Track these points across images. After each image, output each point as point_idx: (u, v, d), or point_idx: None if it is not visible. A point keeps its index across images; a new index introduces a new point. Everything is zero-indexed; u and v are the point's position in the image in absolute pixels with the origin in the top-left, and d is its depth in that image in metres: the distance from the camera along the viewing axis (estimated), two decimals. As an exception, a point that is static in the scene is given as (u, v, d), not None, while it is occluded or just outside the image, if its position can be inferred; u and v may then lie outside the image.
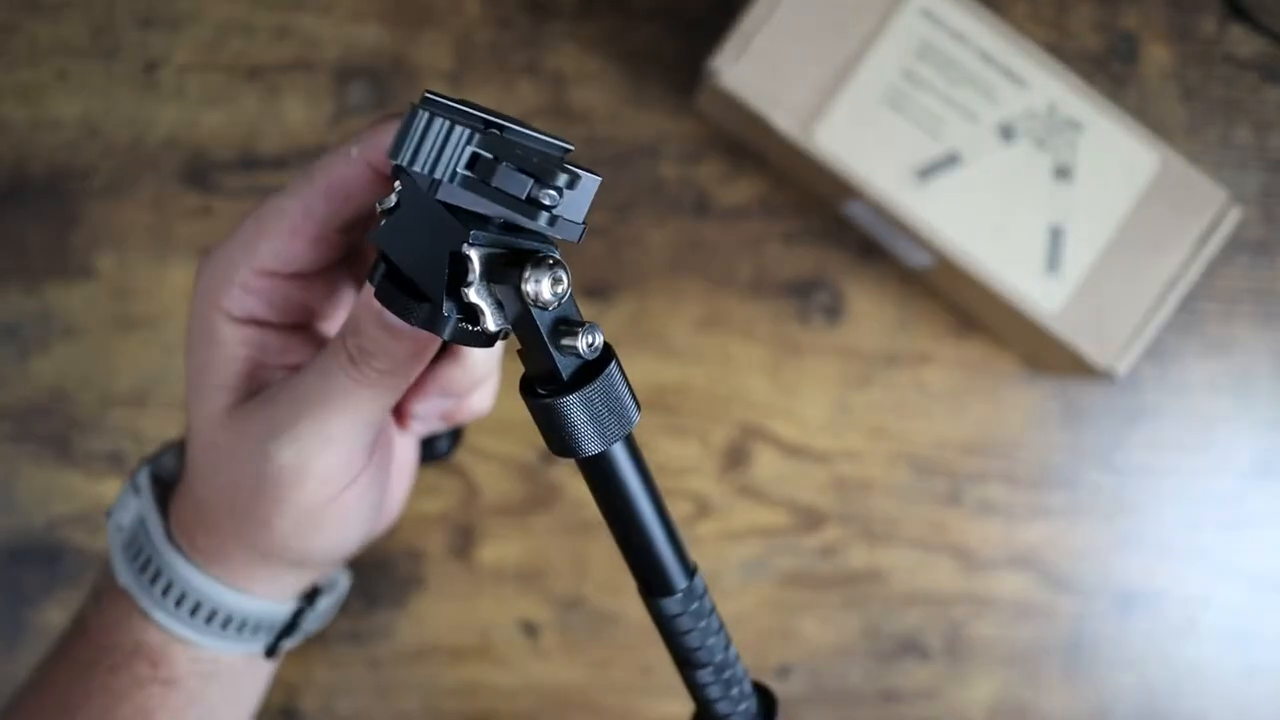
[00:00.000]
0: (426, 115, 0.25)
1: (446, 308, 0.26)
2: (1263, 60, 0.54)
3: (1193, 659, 0.54)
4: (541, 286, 0.25)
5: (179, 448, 0.38)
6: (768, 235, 0.53)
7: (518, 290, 0.25)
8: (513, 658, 0.52)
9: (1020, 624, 0.53)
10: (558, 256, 0.26)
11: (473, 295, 0.25)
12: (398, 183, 0.27)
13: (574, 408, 0.26)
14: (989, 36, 0.47)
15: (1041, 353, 0.51)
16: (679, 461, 0.53)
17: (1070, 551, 0.54)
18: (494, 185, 0.24)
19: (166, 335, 0.52)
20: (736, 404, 0.53)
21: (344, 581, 0.40)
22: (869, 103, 0.46)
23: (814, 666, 0.53)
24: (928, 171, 0.46)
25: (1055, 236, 0.47)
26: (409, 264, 0.27)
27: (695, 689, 0.30)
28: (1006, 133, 0.47)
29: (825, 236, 0.54)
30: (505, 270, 0.25)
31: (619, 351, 0.28)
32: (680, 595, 0.28)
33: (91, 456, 0.52)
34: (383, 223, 0.27)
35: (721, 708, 0.30)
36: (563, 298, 0.25)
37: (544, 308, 0.25)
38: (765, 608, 0.53)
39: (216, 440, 0.32)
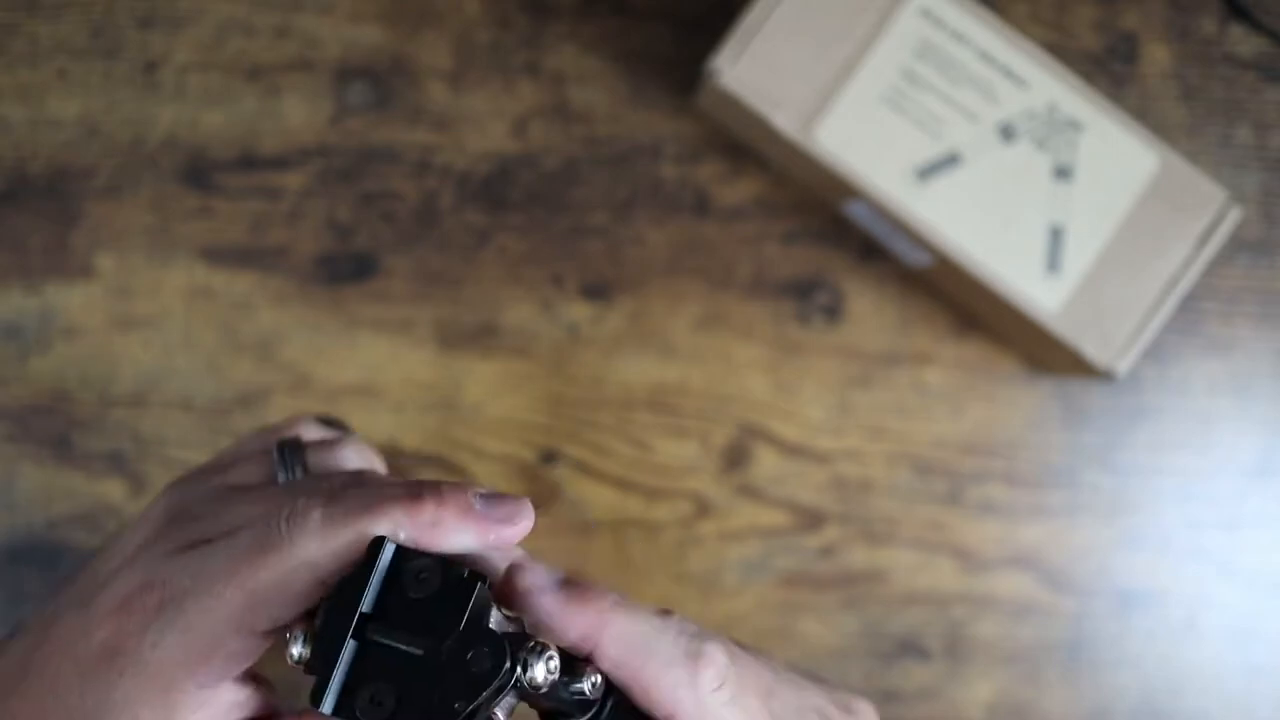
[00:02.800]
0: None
1: None
2: (1263, 60, 0.54)
3: (1193, 659, 0.54)
4: (536, 672, 0.25)
5: None
6: (767, 235, 0.54)
7: (520, 689, 0.25)
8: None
9: (1020, 624, 0.53)
10: (538, 641, 0.26)
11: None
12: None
13: None
14: (989, 36, 0.47)
15: (1042, 353, 0.51)
16: (679, 461, 0.53)
17: (1070, 551, 0.54)
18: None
19: (166, 335, 0.52)
20: (736, 404, 0.53)
21: None
22: (869, 102, 0.46)
23: (814, 666, 0.53)
24: (928, 171, 0.46)
25: (1055, 236, 0.47)
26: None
27: None
28: (1006, 132, 0.47)
29: (825, 236, 0.54)
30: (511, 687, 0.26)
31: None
32: None
33: (92, 456, 0.52)
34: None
35: None
36: (555, 671, 0.25)
37: (540, 688, 0.25)
38: (765, 608, 0.53)
39: None
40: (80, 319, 0.53)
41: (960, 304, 0.53)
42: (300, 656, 0.26)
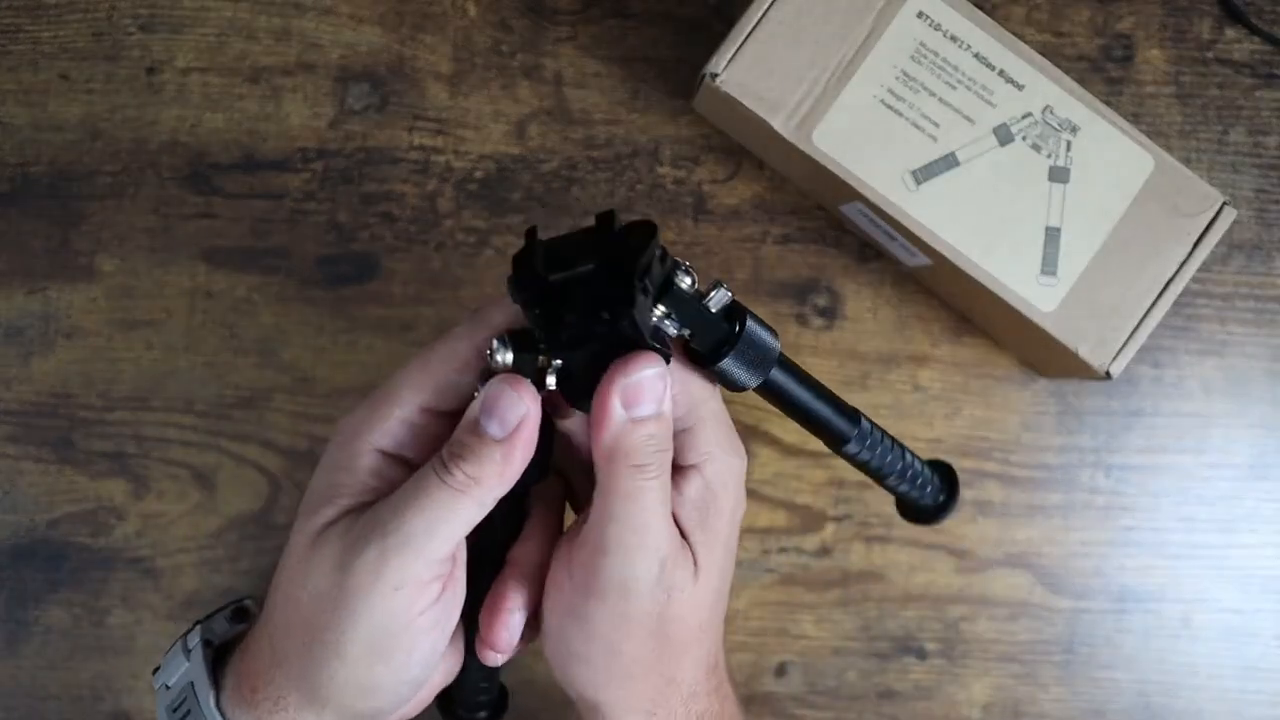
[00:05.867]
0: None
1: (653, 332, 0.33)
2: (1258, 62, 0.54)
3: (1188, 658, 0.54)
4: (683, 279, 0.33)
5: (231, 611, 0.39)
6: (765, 237, 0.54)
7: (676, 295, 0.33)
8: (514, 657, 0.53)
9: (1016, 623, 0.54)
10: (677, 259, 0.33)
11: (666, 328, 0.33)
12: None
13: (742, 350, 0.34)
14: (985, 39, 0.47)
15: (1037, 354, 0.52)
16: (677, 462, 0.53)
17: (1066, 551, 0.54)
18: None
19: (168, 336, 0.53)
20: (735, 404, 0.53)
21: None
22: (866, 105, 0.47)
23: (811, 665, 0.53)
24: (924, 173, 0.47)
25: (1051, 238, 0.47)
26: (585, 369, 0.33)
27: (892, 491, 0.40)
28: (1003, 135, 0.47)
29: (822, 238, 0.54)
30: (666, 289, 0.33)
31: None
32: (853, 440, 0.38)
33: (94, 456, 0.53)
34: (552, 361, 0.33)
35: (913, 495, 0.40)
36: (695, 279, 0.33)
37: (690, 293, 0.33)
38: (764, 607, 0.53)
39: (307, 555, 0.33)
40: (82, 320, 0.53)
41: (957, 305, 0.54)
42: (502, 359, 0.32)
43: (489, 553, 0.37)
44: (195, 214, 0.53)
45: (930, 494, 0.40)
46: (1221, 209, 0.47)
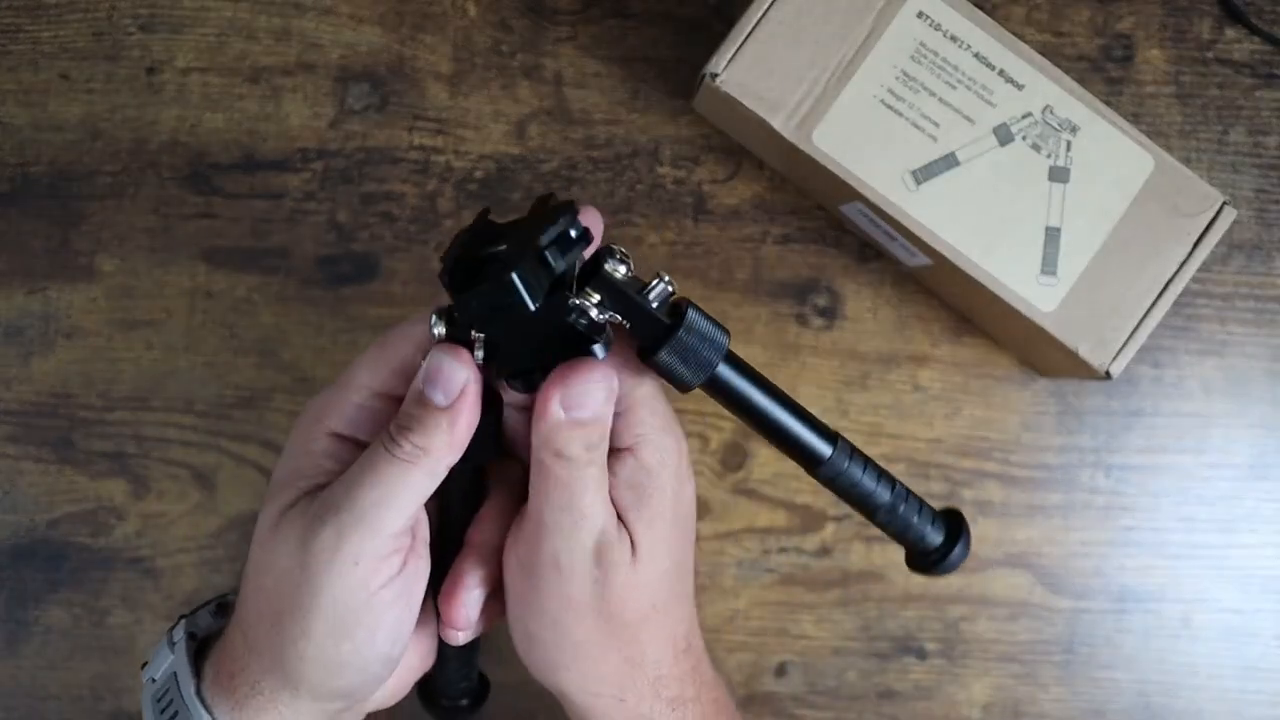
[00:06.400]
0: (515, 278, 0.30)
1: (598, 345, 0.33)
2: (1258, 62, 0.54)
3: (1188, 658, 0.54)
4: (616, 266, 0.32)
5: (215, 605, 0.39)
6: (765, 237, 0.54)
7: (607, 280, 0.32)
8: (513, 655, 0.53)
9: (1016, 623, 0.54)
10: (612, 246, 0.33)
11: (594, 315, 0.32)
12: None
13: (680, 343, 0.33)
14: (985, 39, 0.47)
15: (1037, 354, 0.52)
16: (677, 462, 0.53)
17: (1066, 551, 0.54)
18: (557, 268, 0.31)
19: (168, 336, 0.53)
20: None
21: None
22: (866, 105, 0.47)
23: (811, 665, 0.53)
24: (924, 173, 0.47)
25: (1051, 237, 0.47)
26: (524, 355, 0.33)
27: (884, 529, 0.37)
28: (1003, 134, 0.47)
29: (822, 238, 0.54)
30: (592, 281, 0.32)
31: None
32: (828, 462, 0.35)
33: (94, 456, 0.53)
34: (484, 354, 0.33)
35: (909, 536, 0.37)
36: (631, 268, 0.33)
37: (624, 280, 0.32)
38: (763, 607, 0.53)
39: (270, 540, 0.34)
40: (82, 320, 0.53)
41: (957, 305, 0.54)
42: (437, 332, 0.33)
43: (452, 535, 0.37)
44: (195, 214, 0.53)
45: (930, 537, 0.37)
46: (1221, 209, 0.47)
